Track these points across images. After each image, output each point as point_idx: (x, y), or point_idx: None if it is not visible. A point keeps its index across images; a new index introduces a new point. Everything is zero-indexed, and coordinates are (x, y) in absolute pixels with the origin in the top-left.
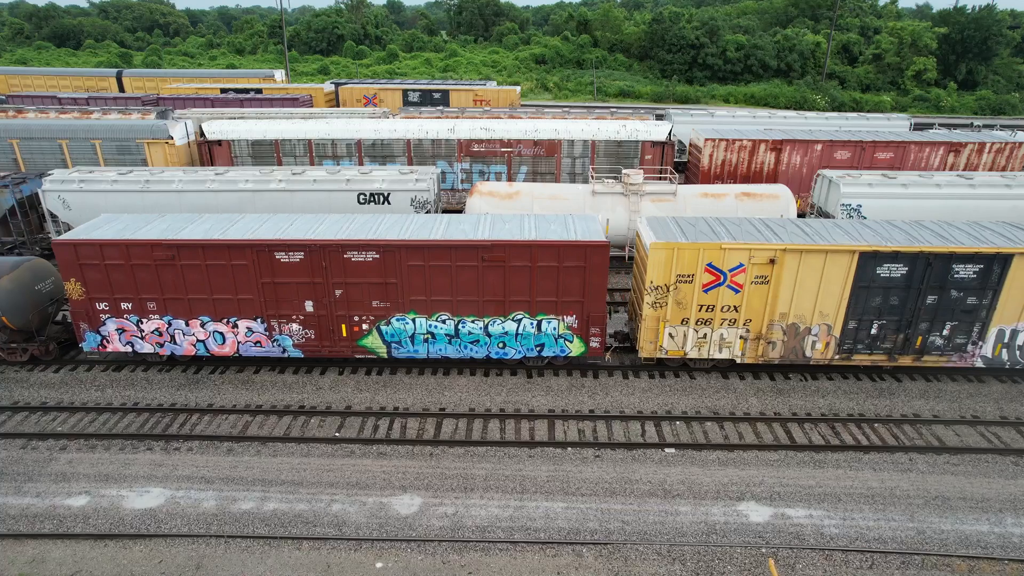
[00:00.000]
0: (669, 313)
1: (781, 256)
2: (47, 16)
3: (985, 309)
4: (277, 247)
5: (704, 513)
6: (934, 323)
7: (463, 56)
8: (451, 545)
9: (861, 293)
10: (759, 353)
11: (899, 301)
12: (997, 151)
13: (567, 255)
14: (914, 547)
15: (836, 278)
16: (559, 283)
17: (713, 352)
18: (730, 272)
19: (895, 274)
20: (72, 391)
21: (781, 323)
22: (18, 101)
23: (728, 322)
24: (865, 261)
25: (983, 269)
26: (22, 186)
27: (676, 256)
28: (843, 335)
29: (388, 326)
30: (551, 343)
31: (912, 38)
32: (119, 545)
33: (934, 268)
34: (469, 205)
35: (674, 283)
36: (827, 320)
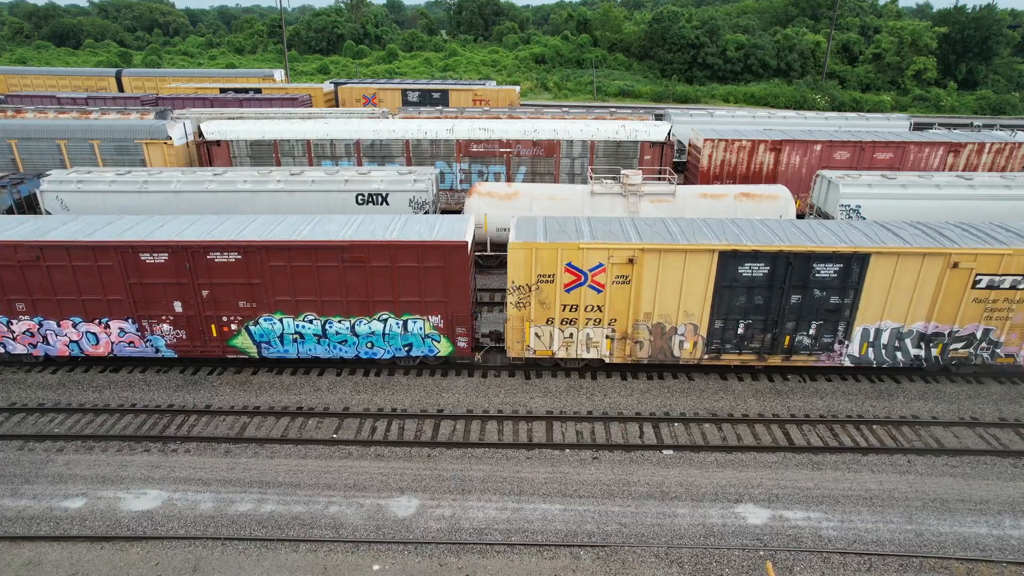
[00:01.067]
0: (533, 313)
1: (640, 255)
2: (47, 15)
3: (848, 308)
4: (142, 248)
5: (702, 515)
6: (800, 322)
7: (463, 56)
8: (448, 547)
9: (725, 292)
10: (627, 353)
11: (764, 301)
12: (997, 151)
13: (427, 255)
14: (912, 550)
15: (698, 277)
16: (421, 283)
17: (581, 352)
18: (591, 272)
19: (757, 273)
20: (70, 392)
21: (646, 323)
22: (17, 101)
23: (593, 322)
24: (726, 260)
25: (843, 268)
26: (20, 187)
27: (535, 256)
28: (710, 335)
29: (256, 326)
30: (419, 343)
31: (912, 38)
32: (116, 547)
33: (795, 267)
34: (468, 206)
35: (535, 283)
36: (693, 320)
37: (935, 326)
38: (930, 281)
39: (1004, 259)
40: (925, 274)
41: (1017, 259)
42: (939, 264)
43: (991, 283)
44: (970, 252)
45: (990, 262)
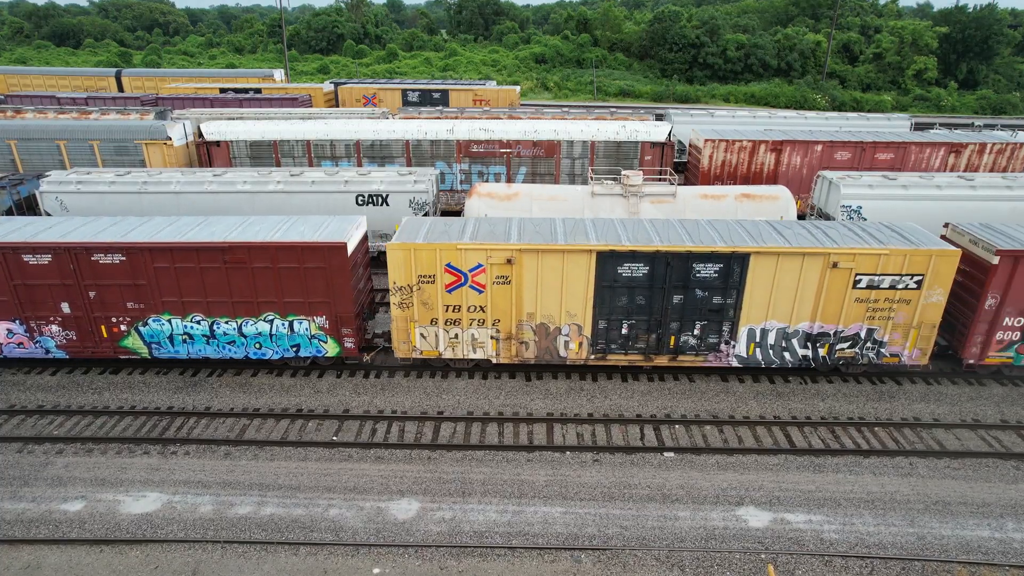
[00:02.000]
0: (417, 313)
1: (519, 256)
2: (47, 15)
3: (732, 308)
4: (24, 249)
5: (703, 518)
6: (684, 323)
7: (463, 55)
8: (449, 550)
9: (606, 293)
10: (513, 353)
11: (646, 301)
12: (998, 152)
13: (307, 256)
14: (914, 553)
15: (578, 278)
16: (304, 284)
17: (467, 352)
18: (470, 272)
19: (637, 274)
20: (69, 394)
21: (530, 323)
22: (17, 101)
23: (477, 322)
24: (604, 260)
25: (723, 268)
26: (20, 187)
27: (414, 257)
28: (594, 335)
29: (146, 327)
30: (306, 343)
31: (913, 37)
32: (115, 551)
33: (674, 267)
34: (468, 207)
35: (417, 284)
36: (576, 320)
37: (820, 326)
38: (812, 281)
39: (882, 259)
40: (806, 274)
41: (894, 259)
42: (819, 264)
43: (871, 283)
44: (848, 252)
45: (868, 262)
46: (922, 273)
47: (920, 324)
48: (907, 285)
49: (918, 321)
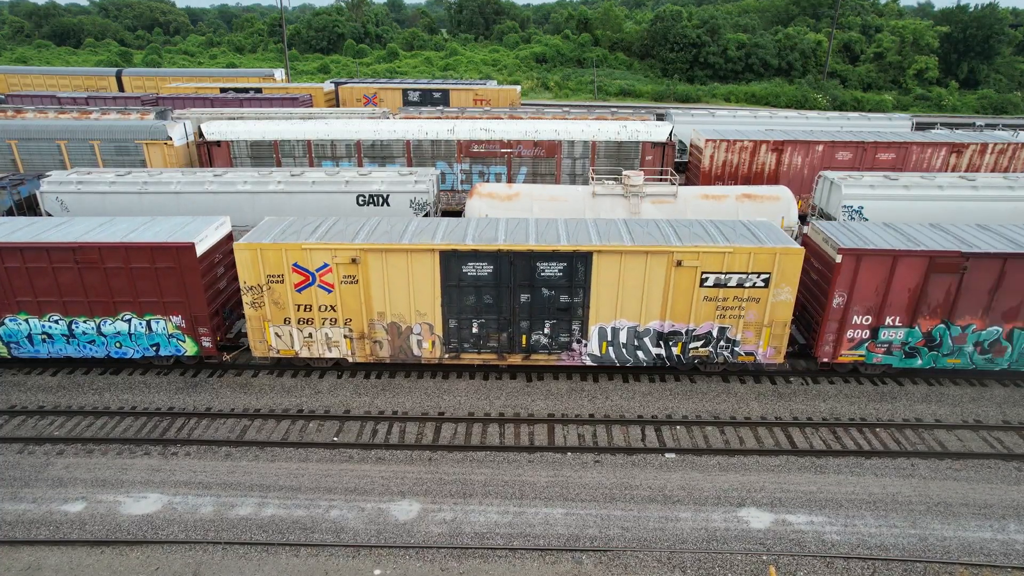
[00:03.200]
0: (270, 312)
1: (363, 256)
2: (47, 14)
3: (580, 307)
4: None
5: (704, 519)
6: (533, 322)
7: (463, 55)
8: (450, 552)
9: (453, 292)
10: (368, 352)
11: (494, 300)
12: (1000, 152)
13: (158, 257)
14: (916, 554)
15: (424, 277)
16: (158, 284)
17: (323, 351)
18: (318, 272)
19: (482, 272)
20: (69, 395)
21: (381, 322)
22: (17, 101)
23: (329, 321)
24: (448, 260)
25: (567, 267)
26: (20, 187)
27: (261, 257)
28: (446, 334)
29: (2, 327)
30: (165, 343)
31: (914, 37)
32: (115, 552)
33: (518, 266)
34: (468, 207)
35: (266, 283)
36: (427, 319)
37: (671, 324)
38: (658, 279)
39: (727, 257)
40: (652, 272)
41: (739, 257)
42: (663, 262)
43: (718, 281)
44: (692, 250)
45: (713, 260)
46: (768, 271)
47: (772, 322)
48: (754, 283)
49: (769, 319)
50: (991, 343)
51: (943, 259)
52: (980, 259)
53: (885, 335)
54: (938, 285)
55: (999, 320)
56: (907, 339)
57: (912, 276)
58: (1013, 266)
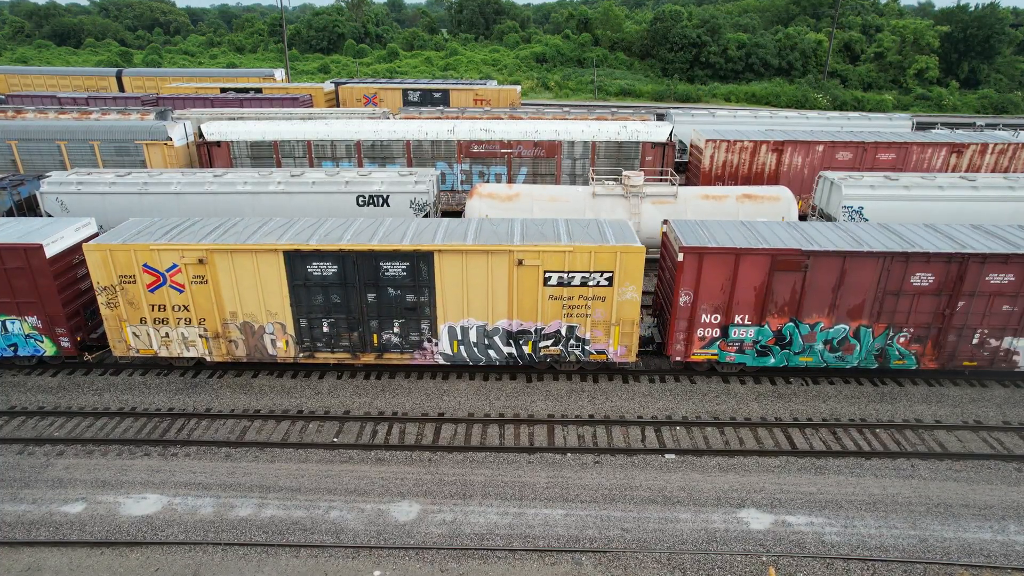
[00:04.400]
0: (125, 312)
1: (210, 256)
2: (47, 14)
3: (427, 306)
4: None
5: (704, 520)
6: (383, 321)
7: (464, 55)
8: (449, 553)
9: (301, 291)
10: (225, 352)
11: (342, 299)
12: (1000, 152)
13: (7, 258)
14: (916, 555)
15: (272, 277)
16: (10, 285)
17: (182, 351)
18: (168, 272)
19: (328, 272)
20: (70, 396)
21: (234, 322)
22: (17, 101)
23: (184, 321)
24: (292, 260)
25: (410, 267)
26: (20, 188)
27: (112, 258)
28: (299, 333)
29: None
30: (23, 343)
31: (914, 36)
32: (115, 553)
33: (361, 266)
34: (469, 207)
35: (119, 284)
36: (278, 319)
37: (519, 323)
38: (501, 279)
39: (567, 256)
40: (495, 272)
41: (580, 256)
42: (505, 261)
43: (561, 280)
44: (533, 249)
45: (555, 259)
46: (611, 270)
47: (620, 321)
48: (598, 282)
49: (617, 318)
50: (840, 341)
51: (785, 257)
52: (820, 257)
53: (736, 333)
54: (783, 283)
55: (845, 318)
56: (758, 337)
57: (756, 274)
58: (852, 264)
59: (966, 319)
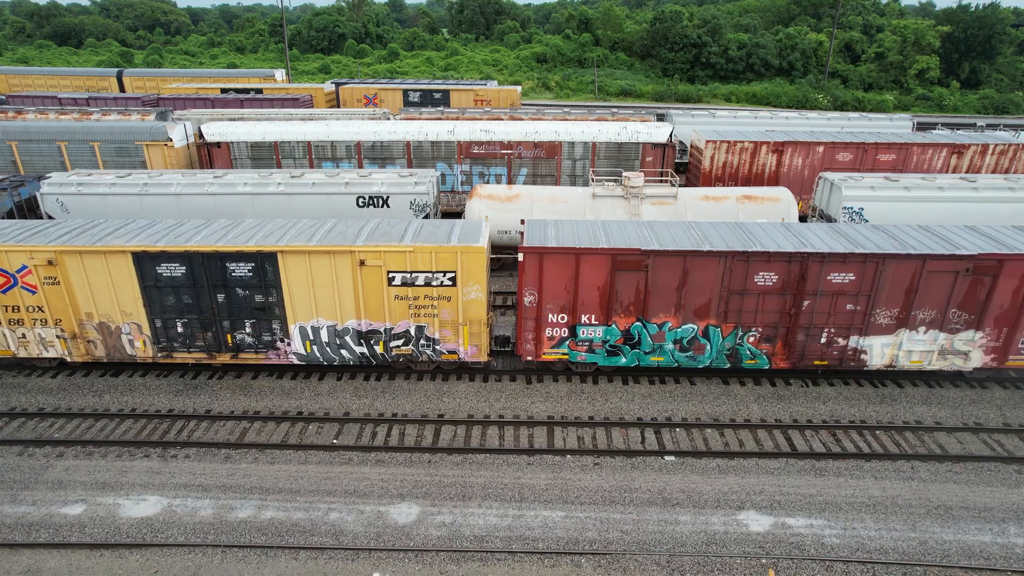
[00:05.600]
0: None
1: (60, 258)
2: (48, 15)
3: (276, 306)
4: None
5: (704, 522)
6: (234, 321)
7: (464, 55)
8: (449, 555)
9: (153, 292)
10: (84, 352)
11: (193, 300)
12: (1001, 153)
13: None
14: (916, 558)
15: (123, 278)
16: None
17: (40, 351)
18: (18, 274)
19: (176, 273)
20: (70, 397)
21: (91, 322)
22: (18, 101)
23: (40, 322)
24: (142, 261)
25: (256, 267)
26: (20, 189)
27: None
28: (155, 333)
29: None
30: None
31: (915, 36)
32: (115, 554)
33: (208, 267)
34: (469, 208)
35: None
36: (134, 319)
37: (368, 323)
38: (346, 279)
39: (409, 256)
40: (339, 272)
41: (421, 256)
42: (348, 262)
43: (405, 280)
44: (375, 250)
45: (397, 259)
46: (453, 270)
47: (468, 321)
48: (442, 282)
49: (464, 318)
50: (689, 340)
51: (625, 256)
52: (661, 256)
53: (584, 333)
54: (626, 283)
55: (692, 318)
56: (606, 337)
57: (598, 274)
58: (694, 263)
59: (812, 318)
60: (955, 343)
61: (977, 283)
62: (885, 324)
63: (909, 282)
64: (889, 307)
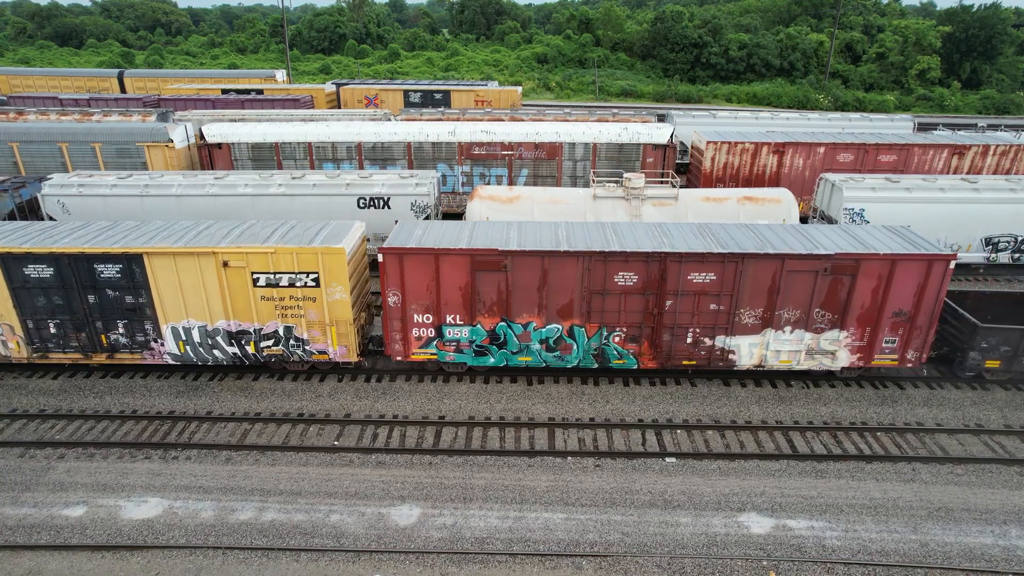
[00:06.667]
0: None
1: None
2: (49, 15)
3: (147, 307)
4: None
5: (705, 524)
6: (107, 322)
7: (465, 55)
8: (450, 557)
9: (23, 294)
10: None
11: (64, 301)
12: (1002, 154)
13: None
14: (917, 560)
15: None
16: None
17: None
18: None
19: (45, 275)
20: (71, 398)
21: None
22: (19, 102)
23: None
24: (7, 263)
25: (124, 269)
26: (21, 190)
27: None
28: (28, 334)
29: None
30: None
31: (916, 37)
32: (116, 556)
33: (76, 269)
34: (469, 209)
35: None
36: (5, 320)
37: (238, 324)
38: (212, 280)
39: (271, 257)
40: (205, 273)
41: (284, 257)
42: (212, 263)
43: (269, 281)
44: (238, 251)
45: (260, 260)
46: (316, 271)
47: (335, 321)
48: (305, 283)
49: (331, 318)
50: (555, 340)
51: (483, 257)
52: (519, 256)
53: (450, 333)
54: (488, 283)
55: (556, 318)
56: (473, 337)
57: (459, 274)
58: (552, 264)
59: (676, 318)
60: (821, 343)
61: (837, 283)
62: (751, 324)
63: (771, 282)
64: (753, 307)
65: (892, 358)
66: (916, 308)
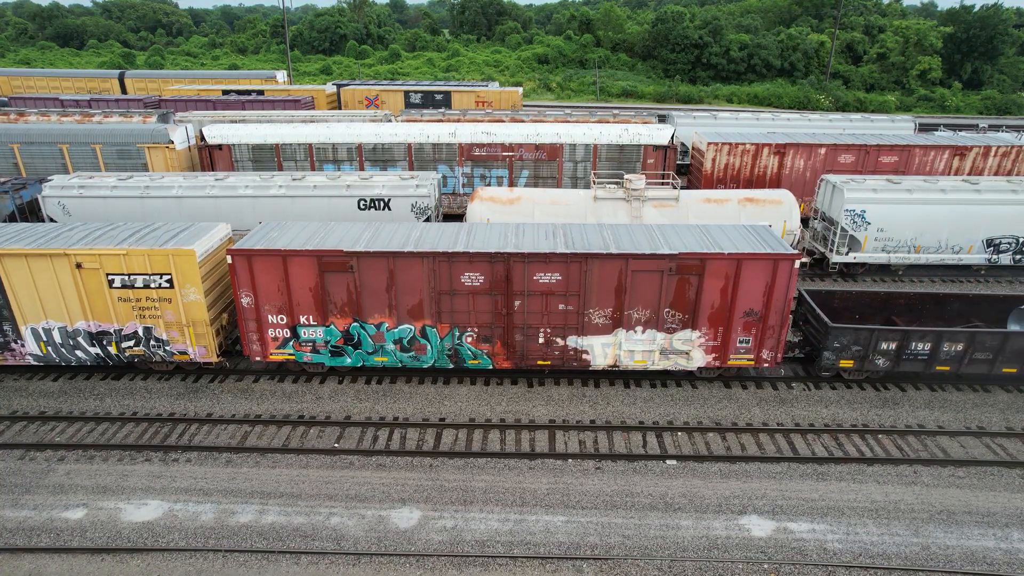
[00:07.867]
0: None
1: None
2: (50, 16)
3: (4, 308)
4: None
5: (706, 527)
6: None
7: (465, 56)
8: (450, 560)
9: None
10: None
11: None
12: (1003, 155)
13: None
14: (919, 563)
15: None
16: None
17: None
18: None
19: None
20: (71, 400)
21: None
22: (20, 103)
23: None
24: None
25: None
26: (22, 191)
27: None
28: None
29: None
30: None
31: (917, 37)
32: (116, 559)
33: None
34: (470, 211)
35: None
36: None
37: (98, 325)
38: (68, 282)
39: (124, 259)
40: (60, 275)
41: (136, 259)
42: (66, 265)
43: (124, 282)
44: (91, 253)
45: (114, 262)
46: (169, 272)
47: (192, 322)
48: (160, 284)
49: (188, 319)
50: (409, 340)
51: (329, 258)
52: (364, 258)
53: (305, 334)
54: (337, 284)
55: (407, 318)
56: (327, 337)
57: (307, 275)
58: (398, 264)
59: (526, 318)
60: (674, 343)
61: (685, 282)
62: (601, 324)
63: (617, 281)
64: (602, 307)
65: (748, 358)
66: (766, 307)
